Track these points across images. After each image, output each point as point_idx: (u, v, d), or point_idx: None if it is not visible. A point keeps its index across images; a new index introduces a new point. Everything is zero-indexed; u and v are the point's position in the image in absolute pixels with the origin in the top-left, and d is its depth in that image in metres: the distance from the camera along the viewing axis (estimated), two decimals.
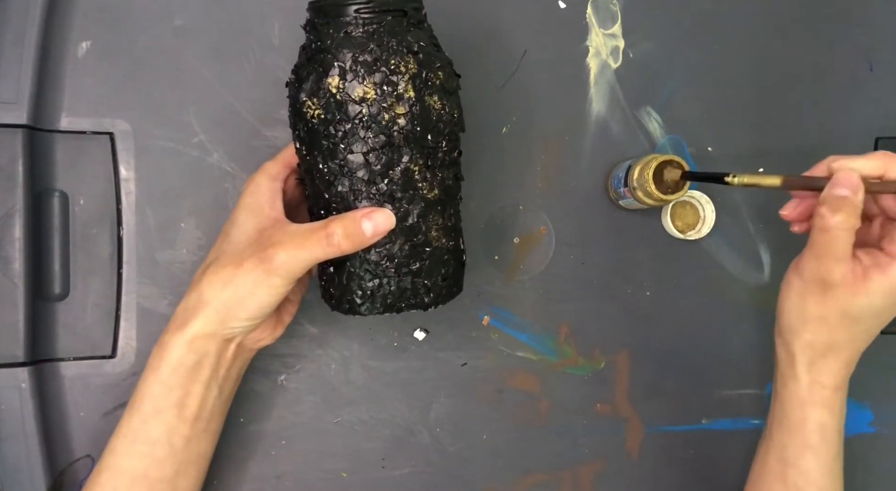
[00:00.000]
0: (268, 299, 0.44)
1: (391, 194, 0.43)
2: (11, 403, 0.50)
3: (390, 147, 0.42)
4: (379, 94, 0.41)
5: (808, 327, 0.47)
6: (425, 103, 0.43)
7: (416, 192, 0.44)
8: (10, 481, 0.50)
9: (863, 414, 0.60)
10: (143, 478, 0.45)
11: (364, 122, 0.42)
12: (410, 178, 0.43)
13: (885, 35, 0.61)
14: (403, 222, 0.44)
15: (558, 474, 0.58)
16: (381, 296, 0.45)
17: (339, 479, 0.56)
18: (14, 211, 0.50)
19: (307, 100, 0.42)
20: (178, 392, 0.45)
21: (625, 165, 0.56)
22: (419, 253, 0.45)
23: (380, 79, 0.41)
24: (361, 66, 0.41)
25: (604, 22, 0.59)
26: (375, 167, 0.43)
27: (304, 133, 0.44)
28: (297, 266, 0.43)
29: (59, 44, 0.53)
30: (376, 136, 0.42)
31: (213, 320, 0.44)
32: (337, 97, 0.42)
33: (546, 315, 0.58)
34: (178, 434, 0.45)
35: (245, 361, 0.49)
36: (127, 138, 0.54)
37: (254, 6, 0.55)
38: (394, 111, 0.42)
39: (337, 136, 0.42)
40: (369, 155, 0.42)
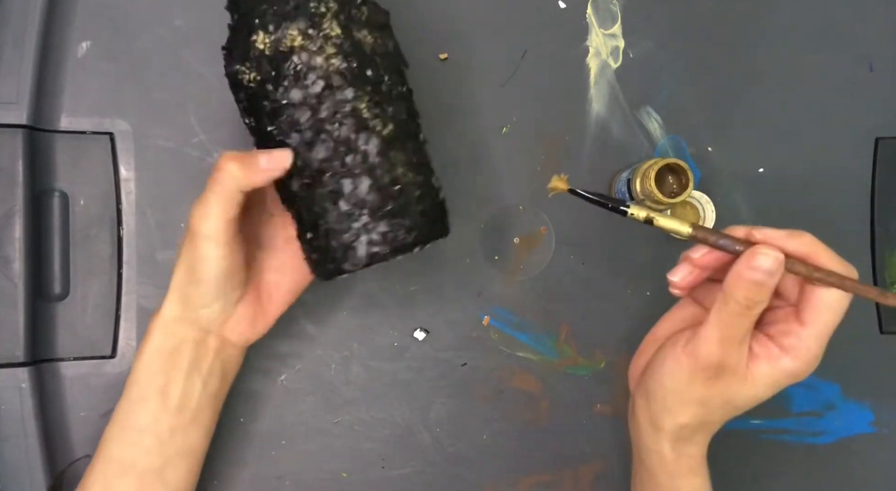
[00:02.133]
0: (210, 265, 0.43)
1: (345, 139, 0.43)
2: (11, 403, 0.50)
3: (331, 89, 0.42)
4: (306, 40, 0.41)
5: (687, 410, 0.44)
6: (355, 39, 0.42)
7: (370, 131, 0.43)
8: (10, 481, 0.50)
9: (863, 414, 0.60)
10: (132, 467, 0.45)
11: (299, 71, 0.41)
12: (360, 116, 0.43)
13: (885, 35, 0.61)
14: (364, 163, 0.43)
15: (558, 474, 0.58)
16: (363, 246, 0.44)
17: (339, 479, 0.56)
18: (14, 211, 0.50)
19: (240, 66, 0.42)
20: (160, 378, 0.46)
21: (623, 179, 0.56)
22: (389, 193, 0.44)
23: (304, 25, 0.41)
24: (282, 18, 0.41)
25: (604, 22, 0.59)
26: (322, 115, 0.42)
27: (246, 103, 0.44)
28: (210, 216, 0.42)
29: (59, 44, 0.53)
30: (314, 83, 0.41)
31: (178, 301, 0.46)
32: (266, 53, 0.41)
33: (546, 315, 0.58)
34: (163, 423, 0.46)
35: (232, 359, 0.48)
36: (127, 138, 0.54)
37: None
38: (326, 52, 0.41)
39: (277, 92, 0.42)
40: (312, 102, 0.42)
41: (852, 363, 0.60)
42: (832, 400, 0.60)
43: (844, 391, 0.60)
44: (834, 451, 0.60)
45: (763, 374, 0.42)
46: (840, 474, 0.60)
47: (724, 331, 0.41)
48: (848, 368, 0.60)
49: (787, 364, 0.42)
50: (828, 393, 0.60)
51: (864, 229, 0.61)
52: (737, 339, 0.41)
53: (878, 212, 0.60)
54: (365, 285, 0.56)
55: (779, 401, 0.59)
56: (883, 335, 0.60)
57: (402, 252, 0.45)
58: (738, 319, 0.41)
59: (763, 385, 0.42)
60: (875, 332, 0.60)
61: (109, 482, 0.45)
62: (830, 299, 0.41)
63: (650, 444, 0.46)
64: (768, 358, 0.42)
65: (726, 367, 0.42)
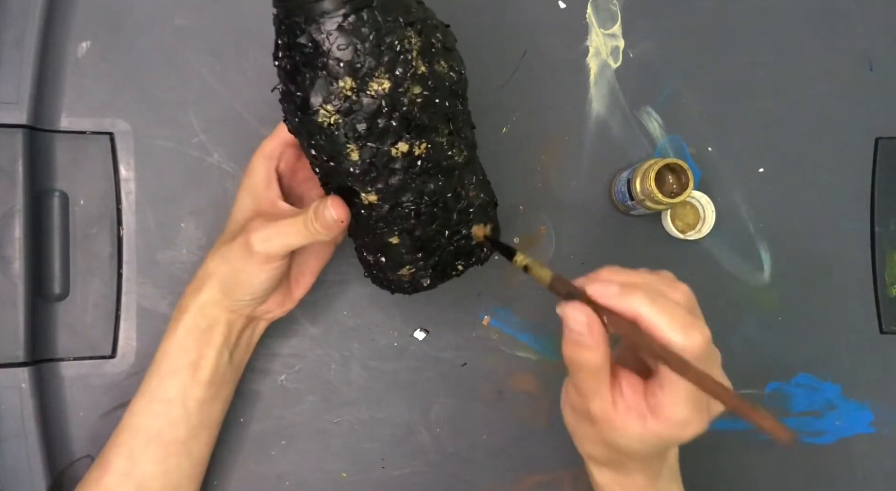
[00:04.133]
0: (258, 277, 0.46)
1: (427, 172, 0.42)
2: (11, 403, 0.50)
3: (417, 129, 0.40)
4: (393, 82, 0.38)
5: (586, 444, 0.42)
6: (437, 73, 0.40)
7: (450, 160, 0.42)
8: (10, 481, 0.50)
9: (863, 414, 0.60)
10: (158, 437, 0.47)
11: (385, 113, 0.39)
12: (441, 150, 0.42)
13: (885, 35, 0.61)
14: (447, 196, 0.43)
15: (558, 474, 0.58)
16: (441, 267, 0.46)
17: (339, 479, 0.56)
18: (14, 211, 0.50)
19: (320, 108, 0.39)
20: (192, 354, 0.47)
21: (623, 179, 0.56)
22: (466, 217, 0.45)
23: (389, 64, 0.38)
24: (367, 57, 0.38)
25: (604, 22, 0.59)
26: (409, 152, 0.40)
27: (322, 141, 0.41)
28: (278, 247, 0.45)
29: (59, 44, 0.53)
30: (400, 123, 0.39)
31: (218, 290, 0.47)
32: (353, 98, 0.38)
33: (546, 315, 0.58)
34: (192, 396, 0.47)
35: (257, 332, 0.51)
36: (127, 138, 0.54)
37: (254, 6, 0.55)
38: (412, 92, 0.39)
39: (361, 136, 0.39)
40: (398, 144, 0.40)
41: (852, 363, 0.60)
42: (832, 400, 0.60)
43: (844, 391, 0.60)
44: (834, 451, 0.60)
45: (631, 428, 0.38)
46: (840, 474, 0.60)
47: (575, 384, 0.39)
48: (848, 368, 0.60)
49: (651, 426, 0.37)
50: (828, 393, 0.60)
51: (864, 229, 0.61)
52: (588, 392, 0.38)
53: (878, 212, 0.60)
54: (365, 285, 0.56)
55: (779, 401, 0.60)
56: (883, 335, 0.60)
57: (474, 266, 0.48)
58: (577, 375, 0.38)
59: (634, 439, 0.38)
60: (875, 332, 0.60)
61: (135, 452, 0.46)
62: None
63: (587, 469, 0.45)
64: (637, 413, 0.38)
65: (592, 415, 0.39)
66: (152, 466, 0.47)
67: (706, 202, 0.58)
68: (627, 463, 0.41)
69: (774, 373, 0.59)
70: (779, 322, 0.60)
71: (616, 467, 0.42)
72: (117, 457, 0.47)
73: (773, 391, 0.59)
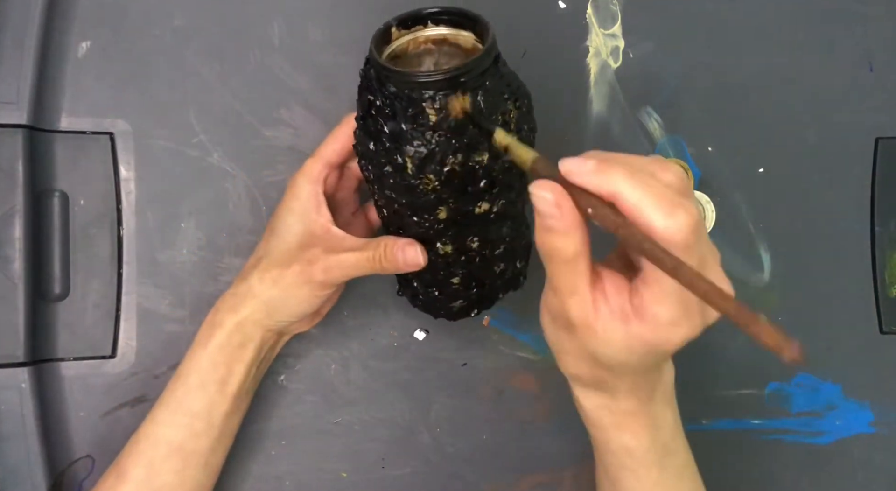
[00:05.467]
0: (310, 302, 0.47)
1: (496, 222, 0.44)
2: (11, 403, 0.50)
3: (500, 188, 0.42)
4: (492, 152, 0.40)
5: (567, 360, 0.39)
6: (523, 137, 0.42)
7: (512, 218, 0.45)
8: (10, 481, 0.50)
9: (863, 414, 0.60)
10: (180, 449, 0.47)
11: (478, 179, 0.41)
12: (513, 203, 0.44)
13: (885, 35, 0.61)
14: (506, 239, 0.46)
15: (558, 474, 0.58)
16: (488, 298, 0.50)
17: (339, 479, 0.56)
18: (14, 211, 0.50)
19: (423, 177, 0.40)
20: (222, 369, 0.47)
21: None
22: (516, 255, 0.48)
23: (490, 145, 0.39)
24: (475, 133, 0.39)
25: (604, 22, 0.59)
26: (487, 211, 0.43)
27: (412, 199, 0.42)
28: (339, 278, 0.46)
29: (59, 44, 0.53)
30: (487, 185, 0.41)
31: (261, 311, 0.47)
32: (455, 169, 0.40)
33: None
34: (219, 409, 0.47)
35: (279, 345, 0.52)
36: (127, 138, 0.54)
37: (254, 6, 0.55)
38: (503, 159, 0.41)
39: (454, 199, 0.42)
40: (481, 204, 0.43)
41: (852, 363, 0.60)
42: (832, 400, 0.60)
43: (844, 391, 0.60)
44: (834, 451, 0.60)
45: (614, 331, 0.34)
46: (840, 474, 0.60)
47: (551, 280, 0.35)
48: (848, 368, 0.60)
49: (636, 328, 0.33)
50: (828, 393, 0.60)
51: (864, 229, 0.61)
52: (566, 289, 0.34)
53: (878, 212, 0.60)
54: (365, 285, 0.56)
55: (779, 401, 0.60)
56: (883, 335, 0.60)
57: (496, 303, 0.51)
58: (552, 267, 0.34)
59: (618, 347, 0.34)
60: (875, 332, 0.60)
61: (155, 462, 0.46)
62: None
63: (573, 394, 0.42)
64: (621, 315, 0.33)
65: (570, 319, 0.35)
66: (171, 477, 0.46)
67: (706, 202, 0.58)
68: (615, 382, 0.38)
69: (774, 373, 0.59)
70: (779, 322, 0.60)
71: (603, 388, 0.38)
72: (136, 466, 0.46)
73: (773, 391, 0.59)
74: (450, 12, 0.42)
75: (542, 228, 0.34)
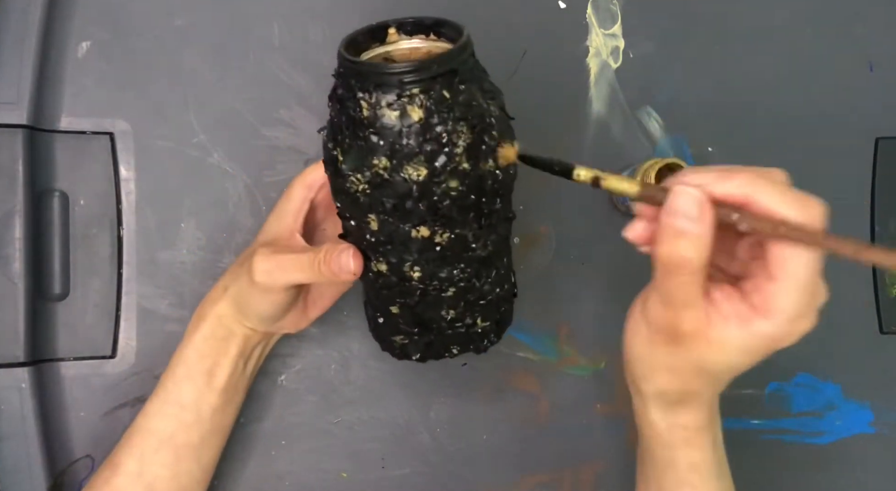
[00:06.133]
0: (262, 305, 0.46)
1: (444, 260, 0.40)
2: (11, 403, 0.50)
3: (443, 218, 0.38)
4: (430, 171, 0.37)
5: (659, 377, 0.38)
6: (480, 171, 0.38)
7: (471, 254, 0.41)
8: (10, 481, 0.50)
9: (863, 414, 0.60)
10: (170, 441, 0.47)
11: (414, 197, 0.37)
12: (464, 242, 0.40)
13: (885, 35, 0.61)
14: (458, 285, 0.42)
15: (558, 474, 0.58)
16: (435, 347, 0.46)
17: (339, 479, 0.56)
18: (14, 211, 0.50)
19: (350, 174, 0.38)
20: (208, 361, 0.47)
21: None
22: (472, 308, 0.44)
23: (431, 156, 0.36)
24: (410, 143, 0.36)
25: (604, 22, 0.59)
26: (428, 238, 0.39)
27: (347, 202, 0.40)
28: (279, 279, 0.44)
29: (59, 44, 0.53)
30: (428, 210, 0.38)
31: (232, 307, 0.47)
32: (384, 176, 0.37)
33: (546, 315, 0.58)
34: (207, 402, 0.47)
35: (269, 344, 0.51)
36: (127, 138, 0.54)
37: (254, 6, 0.55)
38: (447, 184, 0.37)
39: (384, 210, 0.38)
40: (420, 228, 0.39)
41: (852, 363, 0.60)
42: (832, 400, 0.60)
43: (844, 391, 0.60)
44: (834, 451, 0.60)
45: (733, 337, 0.34)
46: (840, 474, 0.60)
47: (664, 293, 0.35)
48: (848, 368, 0.60)
49: (760, 327, 0.34)
50: (828, 393, 0.60)
51: (864, 229, 0.61)
52: (681, 301, 0.34)
53: (878, 212, 0.60)
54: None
55: (779, 401, 0.60)
56: (883, 335, 0.60)
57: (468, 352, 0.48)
58: (673, 279, 0.34)
59: (735, 351, 0.34)
60: (875, 332, 0.60)
61: (146, 454, 0.47)
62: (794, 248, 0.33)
63: (640, 412, 0.42)
64: (738, 319, 0.34)
65: (682, 332, 0.35)
66: (162, 470, 0.47)
67: None
68: (706, 393, 0.38)
69: (774, 373, 0.59)
70: None
71: (687, 402, 0.39)
72: (128, 458, 0.47)
73: (773, 391, 0.59)
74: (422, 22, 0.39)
75: (672, 233, 0.33)
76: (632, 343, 0.39)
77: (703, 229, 0.33)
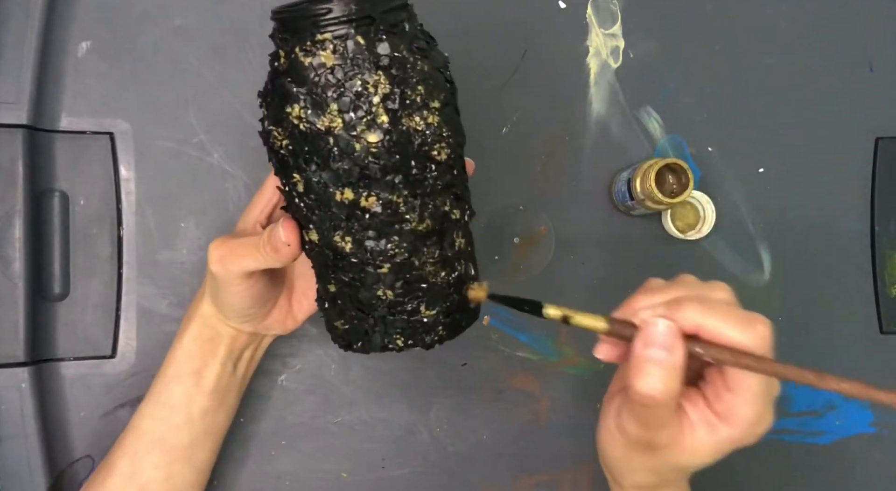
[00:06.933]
0: (231, 297, 0.45)
1: (375, 229, 0.38)
2: (11, 403, 0.50)
3: (367, 179, 0.36)
4: (346, 122, 0.35)
5: (637, 475, 0.40)
6: (403, 127, 0.36)
7: (404, 225, 0.38)
8: (10, 481, 0.50)
9: (863, 414, 0.60)
10: (161, 442, 0.47)
11: (334, 153, 0.36)
12: (395, 211, 0.38)
13: (885, 35, 0.61)
14: (392, 260, 0.39)
15: (558, 474, 0.58)
16: (378, 335, 0.42)
17: (339, 479, 0.56)
18: (14, 211, 0.50)
19: (272, 129, 0.37)
20: (196, 362, 0.47)
21: (623, 178, 0.56)
22: (413, 291, 0.41)
23: (346, 105, 0.35)
24: (324, 91, 0.35)
25: (604, 22, 0.59)
26: (352, 201, 0.37)
27: (276, 163, 0.39)
28: (234, 266, 0.43)
29: (59, 44, 0.53)
30: (350, 169, 0.36)
31: (212, 305, 0.47)
32: (300, 128, 0.36)
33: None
34: (196, 404, 0.47)
35: (262, 346, 0.51)
36: (127, 138, 0.54)
37: (254, 6, 0.55)
38: (366, 139, 0.36)
39: (308, 169, 0.37)
40: (344, 190, 0.37)
41: (852, 363, 0.60)
42: (832, 400, 0.60)
43: None
44: (834, 451, 0.60)
45: (703, 444, 0.36)
46: (840, 474, 0.60)
47: (641, 418, 0.37)
48: (848, 368, 0.60)
49: (726, 433, 0.36)
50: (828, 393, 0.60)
51: (864, 229, 0.61)
52: (657, 424, 0.36)
53: (878, 212, 0.60)
54: None
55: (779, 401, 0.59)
56: (883, 335, 0.60)
57: (416, 347, 0.43)
58: (652, 411, 0.36)
59: (706, 453, 0.37)
60: (875, 332, 0.60)
61: (138, 455, 0.47)
62: None
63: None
64: (706, 425, 0.36)
65: (657, 444, 0.37)
66: (154, 471, 0.47)
67: (706, 202, 0.58)
68: (677, 480, 0.40)
69: None
70: (779, 322, 0.60)
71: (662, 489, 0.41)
72: (121, 459, 0.47)
73: None
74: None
75: (647, 365, 0.35)
76: (607, 447, 0.41)
77: (675, 360, 0.35)
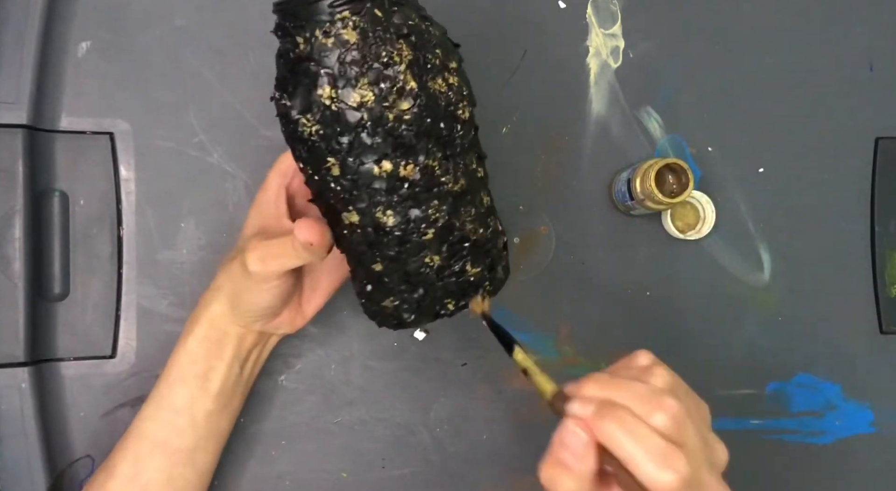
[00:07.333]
0: (259, 296, 0.45)
1: (415, 198, 0.39)
2: (11, 403, 0.50)
3: (403, 148, 0.38)
4: (378, 94, 0.36)
5: None
6: (430, 90, 0.37)
7: (441, 187, 0.39)
8: (10, 481, 0.50)
9: (863, 414, 0.60)
10: (164, 445, 0.46)
11: (368, 127, 0.37)
12: (432, 175, 0.39)
13: (885, 35, 0.61)
14: (435, 224, 0.40)
15: None
16: (428, 304, 0.43)
17: (339, 479, 0.56)
18: (14, 211, 0.50)
19: (300, 117, 0.38)
20: (202, 364, 0.47)
21: (623, 178, 0.56)
22: (458, 252, 0.42)
23: (374, 77, 0.36)
24: (351, 67, 0.36)
25: (604, 22, 0.59)
26: (392, 173, 0.38)
27: (304, 153, 0.39)
28: (274, 266, 0.43)
29: (59, 44, 0.53)
30: (385, 140, 0.37)
31: (226, 305, 0.47)
32: (332, 108, 0.37)
33: (546, 315, 0.58)
34: (201, 407, 0.47)
35: (268, 346, 0.51)
36: (127, 138, 0.54)
37: (254, 6, 0.55)
38: (398, 108, 0.37)
39: (342, 150, 0.38)
40: (381, 162, 0.38)
41: (852, 363, 0.60)
42: (832, 400, 0.60)
43: (844, 391, 0.60)
44: (834, 451, 0.60)
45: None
46: (840, 474, 0.60)
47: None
48: (848, 368, 0.60)
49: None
50: (828, 393, 0.60)
51: (864, 229, 0.61)
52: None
53: (878, 212, 0.60)
54: None
55: (779, 401, 0.60)
56: (883, 335, 0.60)
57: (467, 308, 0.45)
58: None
59: None
60: (875, 332, 0.60)
61: (140, 458, 0.46)
62: None
63: None
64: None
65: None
66: (156, 474, 0.46)
67: (706, 202, 0.58)
68: None
69: (774, 373, 0.59)
70: (779, 322, 0.60)
71: None
72: (123, 461, 0.46)
73: (773, 391, 0.59)
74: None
75: (554, 461, 0.35)
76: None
77: (584, 469, 0.35)
